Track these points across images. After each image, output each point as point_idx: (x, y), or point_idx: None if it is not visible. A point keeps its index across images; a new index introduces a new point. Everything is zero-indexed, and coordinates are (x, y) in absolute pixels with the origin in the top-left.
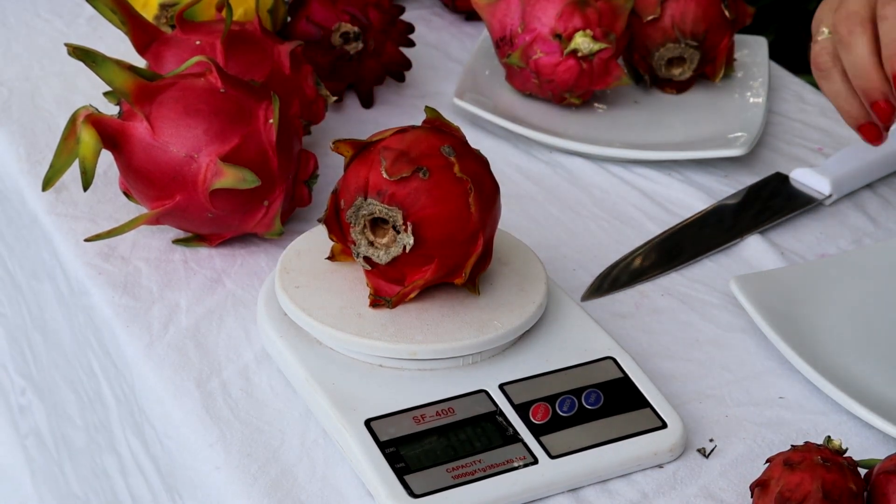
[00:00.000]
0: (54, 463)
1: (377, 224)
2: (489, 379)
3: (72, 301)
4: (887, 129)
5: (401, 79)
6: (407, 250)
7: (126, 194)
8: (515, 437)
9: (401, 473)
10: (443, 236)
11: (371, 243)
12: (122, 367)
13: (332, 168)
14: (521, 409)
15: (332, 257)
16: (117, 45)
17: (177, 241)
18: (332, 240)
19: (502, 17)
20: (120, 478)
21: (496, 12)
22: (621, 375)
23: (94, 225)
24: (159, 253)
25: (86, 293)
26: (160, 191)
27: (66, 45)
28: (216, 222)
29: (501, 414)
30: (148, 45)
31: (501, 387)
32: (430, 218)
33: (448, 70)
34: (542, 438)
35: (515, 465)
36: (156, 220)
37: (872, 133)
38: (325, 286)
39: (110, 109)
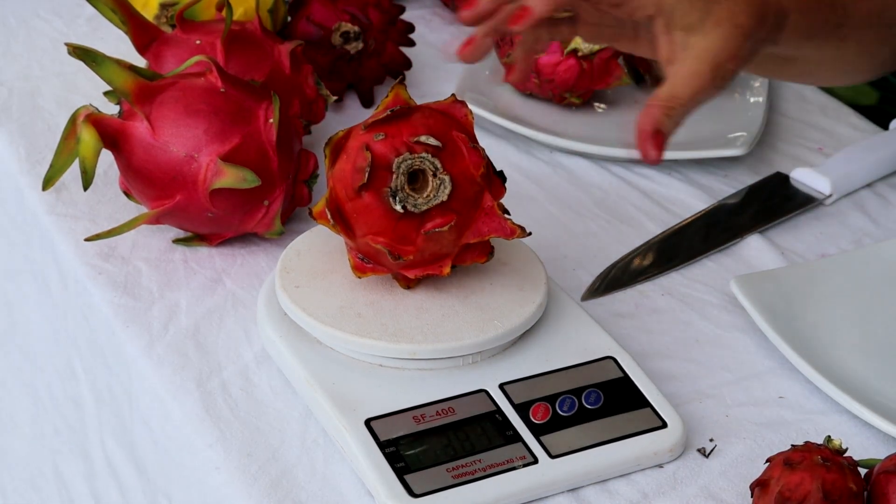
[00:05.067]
0: None
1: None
2: (489, 379)
3: (64, 302)
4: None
5: None
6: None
7: (126, 194)
8: (515, 437)
9: (401, 473)
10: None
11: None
12: (117, 368)
13: None
14: (521, 409)
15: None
16: (117, 44)
17: (177, 241)
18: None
19: None
20: (83, 483)
21: None
22: (621, 375)
23: (94, 225)
24: (159, 253)
25: (85, 293)
26: (160, 190)
27: (67, 44)
28: (216, 222)
29: (501, 414)
30: (148, 45)
31: (501, 386)
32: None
33: (448, 70)
34: (542, 438)
35: (515, 464)
36: (156, 220)
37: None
38: (325, 286)
39: (110, 109)
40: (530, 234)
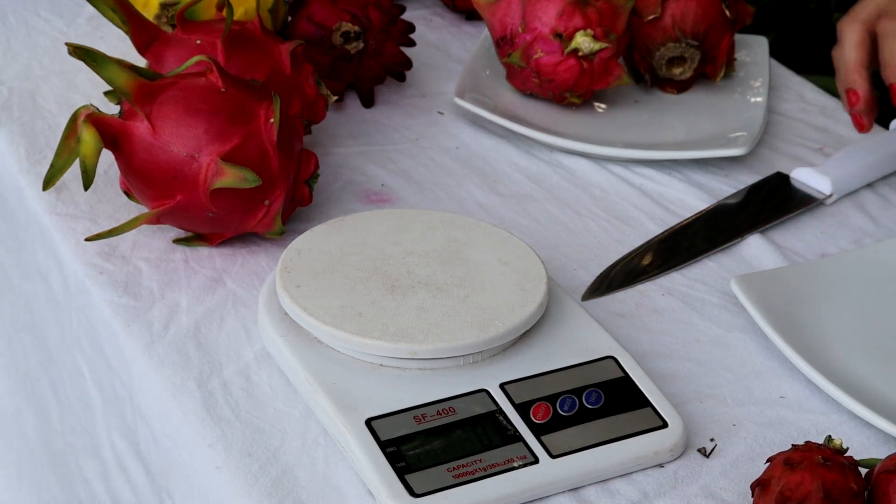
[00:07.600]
0: (38, 468)
1: None
2: (490, 378)
3: (67, 301)
4: (867, 117)
5: (401, 78)
6: None
7: (126, 194)
8: (516, 437)
9: (401, 473)
10: None
11: None
12: (118, 368)
13: (332, 168)
14: (522, 409)
15: None
16: (118, 44)
17: (177, 241)
18: None
19: (503, 16)
20: (99, 482)
21: (497, 12)
22: (622, 375)
23: (94, 224)
24: (160, 252)
25: (86, 293)
26: (161, 190)
27: (67, 44)
28: (217, 222)
29: (502, 413)
30: (148, 45)
31: (502, 386)
32: None
33: (448, 70)
34: (543, 438)
35: (516, 464)
36: (156, 220)
37: (856, 121)
38: (326, 286)
39: (111, 109)
40: None
